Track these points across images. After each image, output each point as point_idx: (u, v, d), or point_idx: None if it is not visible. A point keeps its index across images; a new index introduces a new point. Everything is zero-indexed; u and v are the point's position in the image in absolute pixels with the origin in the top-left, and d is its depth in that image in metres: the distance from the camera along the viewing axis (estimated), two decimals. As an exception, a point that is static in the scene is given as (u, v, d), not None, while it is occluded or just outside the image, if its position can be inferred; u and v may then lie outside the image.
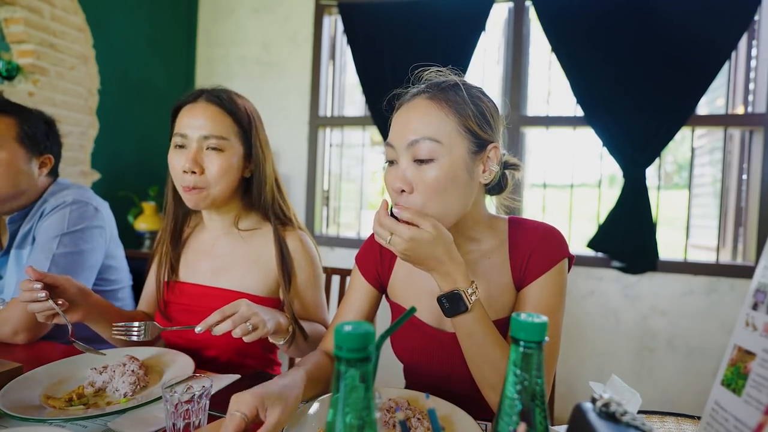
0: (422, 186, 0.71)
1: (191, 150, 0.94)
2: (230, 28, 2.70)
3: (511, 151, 0.87)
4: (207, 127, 0.94)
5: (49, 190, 1.19)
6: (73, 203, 1.13)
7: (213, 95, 0.97)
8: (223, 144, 0.95)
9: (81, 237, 1.12)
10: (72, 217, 1.12)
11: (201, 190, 0.95)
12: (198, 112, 0.95)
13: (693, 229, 2.29)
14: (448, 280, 0.70)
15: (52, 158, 1.19)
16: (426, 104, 0.73)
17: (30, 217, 1.15)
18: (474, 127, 0.73)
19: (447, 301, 0.70)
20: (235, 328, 0.77)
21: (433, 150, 0.71)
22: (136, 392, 0.77)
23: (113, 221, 1.25)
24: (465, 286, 0.70)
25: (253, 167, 1.02)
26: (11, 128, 1.12)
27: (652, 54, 2.03)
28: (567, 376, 2.18)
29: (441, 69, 0.81)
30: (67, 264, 1.09)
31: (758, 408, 0.36)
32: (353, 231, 2.75)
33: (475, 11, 2.25)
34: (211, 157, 0.95)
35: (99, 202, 1.21)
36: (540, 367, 0.40)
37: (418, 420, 0.66)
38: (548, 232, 0.81)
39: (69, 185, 1.22)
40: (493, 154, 0.75)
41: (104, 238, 1.19)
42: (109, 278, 1.23)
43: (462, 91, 0.75)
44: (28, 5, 1.80)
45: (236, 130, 0.98)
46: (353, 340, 0.35)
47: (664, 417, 0.67)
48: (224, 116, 0.96)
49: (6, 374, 0.77)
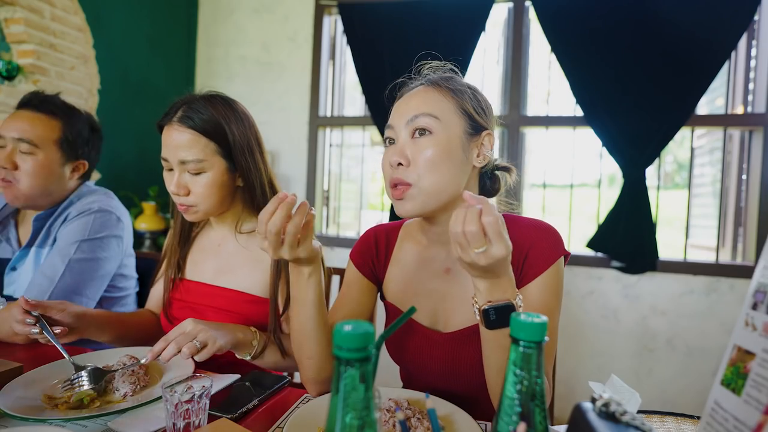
0: (419, 158, 0.74)
1: (175, 174, 0.96)
2: (230, 28, 2.70)
3: (510, 151, 0.88)
4: (182, 152, 0.93)
5: (75, 192, 1.21)
6: (98, 211, 1.16)
7: (186, 115, 0.94)
8: (201, 166, 0.94)
9: (99, 245, 1.14)
10: (95, 225, 1.14)
11: (190, 207, 0.98)
12: (174, 136, 0.94)
13: (693, 229, 2.29)
14: (498, 290, 0.63)
15: (86, 164, 1.22)
16: (426, 89, 0.79)
17: (55, 217, 1.18)
18: (470, 110, 0.77)
19: (495, 312, 0.63)
20: (182, 348, 0.76)
21: (431, 124, 0.75)
22: (136, 392, 0.77)
23: (131, 231, 1.27)
24: (515, 297, 0.64)
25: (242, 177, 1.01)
26: (55, 131, 1.15)
27: (651, 54, 2.03)
28: (567, 376, 2.18)
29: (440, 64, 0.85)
30: (81, 270, 1.11)
31: (758, 408, 0.37)
32: (353, 231, 2.75)
33: (475, 11, 2.25)
34: (194, 179, 0.95)
35: (122, 211, 1.23)
36: (540, 367, 0.40)
37: (418, 420, 0.66)
38: (545, 230, 0.81)
39: (95, 190, 1.24)
40: (488, 141, 0.80)
41: (121, 248, 1.21)
42: (119, 286, 1.25)
43: (460, 79, 0.81)
44: (28, 5, 1.80)
45: (213, 148, 0.95)
46: (353, 340, 0.34)
47: (664, 417, 0.67)
48: (198, 138, 0.93)
49: (6, 374, 0.77)
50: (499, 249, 0.58)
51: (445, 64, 0.85)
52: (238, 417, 0.71)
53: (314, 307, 0.76)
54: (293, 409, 0.76)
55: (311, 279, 0.75)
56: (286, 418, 0.73)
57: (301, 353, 0.79)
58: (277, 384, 0.83)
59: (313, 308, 0.76)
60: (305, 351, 0.78)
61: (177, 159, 0.94)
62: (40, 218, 1.17)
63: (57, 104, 1.18)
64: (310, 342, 0.77)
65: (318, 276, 0.76)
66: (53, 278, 1.07)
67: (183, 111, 0.95)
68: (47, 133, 1.14)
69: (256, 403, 0.76)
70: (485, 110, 0.80)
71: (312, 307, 0.76)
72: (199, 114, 0.94)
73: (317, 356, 0.78)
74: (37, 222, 1.17)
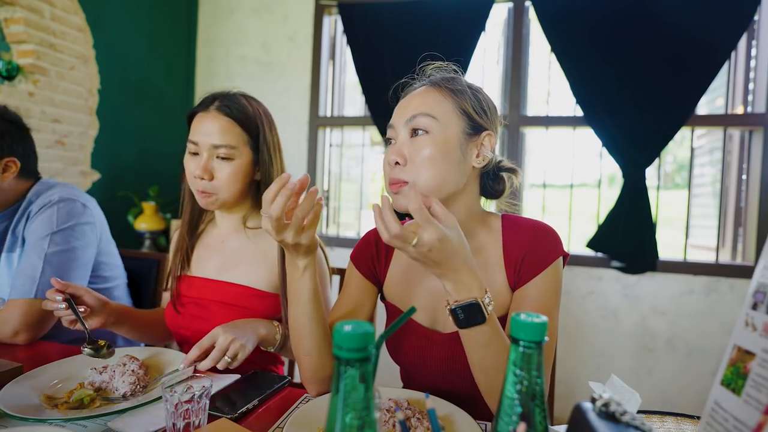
0: (416, 157, 0.74)
1: (202, 158, 0.99)
2: (230, 28, 2.70)
3: (511, 151, 0.88)
4: (217, 137, 0.98)
5: (32, 190, 1.17)
6: (60, 201, 1.12)
7: (224, 104, 1.01)
8: (232, 153, 0.99)
9: (71, 234, 1.12)
10: (60, 214, 1.11)
11: (210, 194, 1.00)
12: (209, 122, 0.99)
13: (693, 229, 2.29)
14: (463, 289, 0.64)
15: (16, 161, 1.12)
16: (427, 90, 0.79)
17: (17, 219, 1.14)
18: (470, 111, 0.77)
19: (462, 312, 0.64)
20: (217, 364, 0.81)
21: (429, 124, 0.75)
22: (135, 392, 0.77)
23: (103, 217, 1.24)
24: (481, 295, 0.65)
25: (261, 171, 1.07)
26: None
27: (651, 54, 2.03)
28: (567, 376, 2.18)
29: (443, 65, 0.85)
30: (60, 262, 1.08)
31: (758, 408, 0.37)
32: (353, 231, 2.75)
33: (475, 11, 2.25)
34: (221, 165, 0.99)
35: (86, 198, 1.19)
36: (540, 367, 0.40)
37: (418, 420, 0.66)
38: (543, 231, 0.81)
39: (54, 184, 1.20)
40: (488, 141, 0.79)
41: (95, 234, 1.18)
42: (104, 275, 1.23)
43: (462, 80, 0.81)
44: (28, 5, 1.80)
45: (245, 138, 1.02)
46: (353, 340, 0.34)
47: (664, 417, 0.67)
48: (233, 126, 1.00)
49: (6, 374, 0.77)
50: (430, 233, 0.61)
51: (448, 65, 0.85)
52: (238, 417, 0.72)
53: (309, 302, 0.76)
54: (293, 409, 0.76)
55: (306, 273, 0.76)
56: (286, 418, 0.73)
57: (298, 350, 0.79)
58: (277, 384, 0.83)
59: (308, 304, 0.76)
60: (302, 348, 0.79)
61: (210, 143, 0.98)
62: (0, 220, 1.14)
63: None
64: (307, 339, 0.78)
65: (313, 270, 0.76)
66: (34, 276, 1.05)
67: (220, 101, 1.01)
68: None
69: (256, 403, 0.76)
70: (486, 111, 0.80)
71: (307, 302, 0.76)
72: (237, 105, 1.02)
73: (314, 353, 0.78)
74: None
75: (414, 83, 0.84)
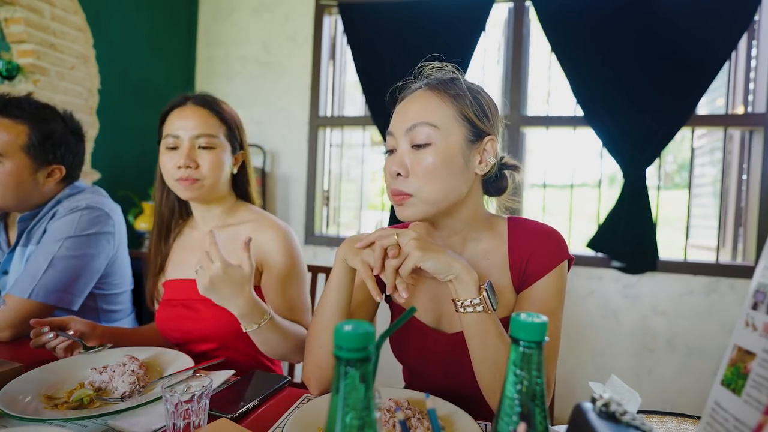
0: (418, 169, 0.73)
1: (184, 149, 1.01)
2: (230, 28, 2.70)
3: (511, 151, 0.88)
4: (198, 127, 1.01)
5: (63, 192, 1.19)
6: (86, 208, 1.13)
7: (199, 99, 1.05)
8: (214, 141, 1.03)
9: (87, 242, 1.12)
10: (82, 221, 1.12)
11: (195, 180, 1.01)
12: (188, 114, 1.02)
13: (693, 229, 2.29)
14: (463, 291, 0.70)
15: (62, 169, 1.16)
16: (426, 94, 0.77)
17: (41, 217, 1.16)
18: (471, 116, 0.75)
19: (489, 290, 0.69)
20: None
21: (430, 134, 0.73)
22: (135, 392, 0.77)
23: (124, 227, 1.25)
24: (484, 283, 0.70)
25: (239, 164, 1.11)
26: (20, 136, 1.09)
27: (652, 54, 2.03)
28: (567, 376, 2.18)
29: (442, 65, 0.83)
30: (66, 267, 1.08)
31: (758, 408, 0.37)
32: (353, 231, 2.75)
33: (475, 11, 2.25)
34: (203, 154, 1.02)
35: (111, 207, 1.20)
36: (540, 367, 0.40)
37: (418, 420, 0.66)
38: (548, 234, 0.81)
39: (84, 188, 1.22)
40: (490, 146, 0.77)
41: (112, 244, 1.19)
42: (113, 282, 1.24)
43: (461, 83, 0.78)
44: (28, 5, 1.80)
45: (224, 129, 1.06)
46: (353, 339, 0.34)
47: (664, 417, 0.67)
48: (212, 117, 1.04)
49: (6, 374, 0.77)
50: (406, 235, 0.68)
51: (447, 65, 0.83)
52: (238, 417, 0.72)
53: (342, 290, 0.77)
54: (293, 409, 0.76)
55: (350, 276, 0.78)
56: (286, 418, 0.73)
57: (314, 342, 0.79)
58: (277, 384, 0.83)
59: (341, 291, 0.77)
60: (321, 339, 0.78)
61: (191, 133, 1.01)
62: (25, 219, 1.15)
63: (23, 107, 1.11)
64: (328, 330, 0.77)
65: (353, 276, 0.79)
66: (35, 275, 1.05)
67: (194, 98, 1.05)
68: (12, 139, 1.08)
69: (256, 403, 0.76)
70: (488, 114, 0.77)
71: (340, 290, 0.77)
72: (211, 99, 1.07)
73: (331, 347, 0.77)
74: (21, 223, 1.15)
75: (412, 85, 0.82)
